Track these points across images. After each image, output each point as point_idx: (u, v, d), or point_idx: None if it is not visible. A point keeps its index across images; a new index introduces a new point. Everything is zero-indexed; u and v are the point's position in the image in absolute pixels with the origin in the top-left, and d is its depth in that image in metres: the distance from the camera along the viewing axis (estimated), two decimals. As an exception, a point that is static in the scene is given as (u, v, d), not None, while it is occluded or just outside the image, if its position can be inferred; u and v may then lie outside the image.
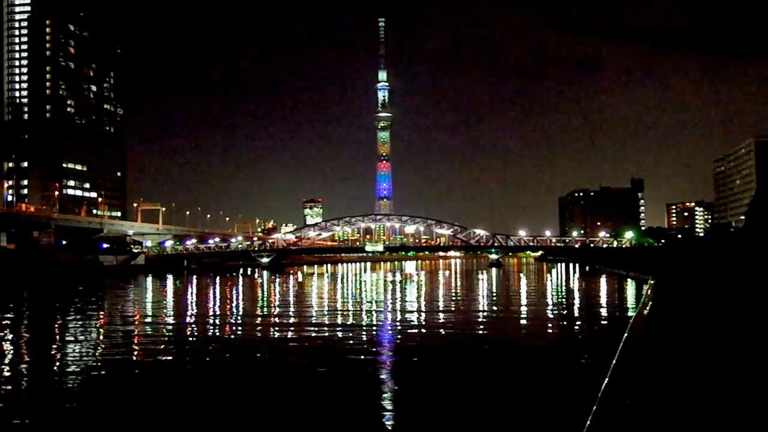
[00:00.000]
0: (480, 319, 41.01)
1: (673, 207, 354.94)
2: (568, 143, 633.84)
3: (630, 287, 69.02)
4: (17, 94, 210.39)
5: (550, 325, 38.72)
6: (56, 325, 39.75)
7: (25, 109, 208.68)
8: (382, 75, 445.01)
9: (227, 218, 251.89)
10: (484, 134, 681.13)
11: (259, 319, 43.09)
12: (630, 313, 40.44)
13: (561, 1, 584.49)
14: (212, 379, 21.86)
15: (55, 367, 24.83)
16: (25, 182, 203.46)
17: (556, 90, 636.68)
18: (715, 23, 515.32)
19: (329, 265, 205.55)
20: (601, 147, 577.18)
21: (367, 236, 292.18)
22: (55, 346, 30.88)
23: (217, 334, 34.68)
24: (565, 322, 39.59)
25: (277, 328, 37.45)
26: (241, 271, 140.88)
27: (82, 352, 28.11)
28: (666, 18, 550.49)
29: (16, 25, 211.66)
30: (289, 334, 34.56)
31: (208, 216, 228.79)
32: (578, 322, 39.86)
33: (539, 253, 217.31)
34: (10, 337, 34.27)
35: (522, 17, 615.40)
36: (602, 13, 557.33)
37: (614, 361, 13.02)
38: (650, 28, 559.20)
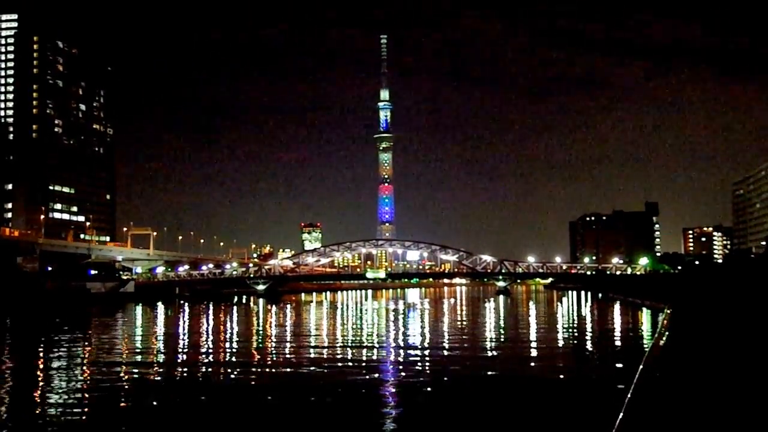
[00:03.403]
0: (488, 354, 41.09)
1: (690, 232, 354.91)
2: (578, 165, 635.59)
3: (645, 317, 69.10)
4: (2, 113, 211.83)
5: (561, 358, 38.80)
6: (38, 360, 39.67)
7: (11, 128, 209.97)
8: (384, 94, 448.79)
9: (221, 243, 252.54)
10: (491, 156, 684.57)
11: (255, 353, 43.24)
12: (645, 344, 40.44)
13: (567, 18, 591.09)
14: (203, 423, 21.93)
15: (35, 407, 24.79)
16: (9, 205, 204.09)
17: (564, 109, 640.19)
18: (729, 40, 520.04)
19: (328, 292, 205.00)
20: (614, 169, 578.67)
21: (368, 262, 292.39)
22: (34, 383, 30.81)
23: (210, 371, 34.70)
24: (577, 356, 39.70)
25: (273, 365, 37.62)
26: (235, 299, 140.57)
27: (63, 392, 27.93)
28: (676, 34, 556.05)
29: (2, 41, 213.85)
30: (286, 370, 34.63)
31: (202, 241, 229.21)
32: (591, 355, 39.92)
33: (549, 280, 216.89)
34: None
35: (528, 35, 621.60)
36: (609, 29, 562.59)
37: (629, 396, 13.21)
38: (660, 44, 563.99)
